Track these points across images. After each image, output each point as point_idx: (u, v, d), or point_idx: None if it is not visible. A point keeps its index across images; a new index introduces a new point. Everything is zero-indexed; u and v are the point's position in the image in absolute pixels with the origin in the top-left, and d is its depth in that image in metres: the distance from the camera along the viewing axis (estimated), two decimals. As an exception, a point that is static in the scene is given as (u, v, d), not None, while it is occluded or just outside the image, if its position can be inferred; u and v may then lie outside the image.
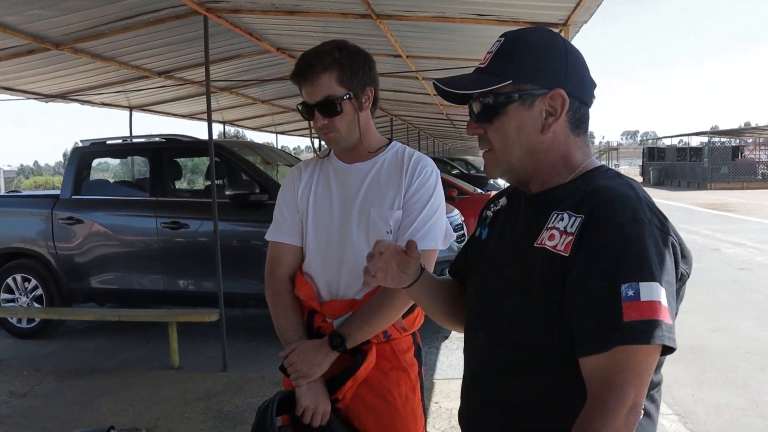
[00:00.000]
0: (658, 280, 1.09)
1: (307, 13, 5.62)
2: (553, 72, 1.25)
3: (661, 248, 1.13)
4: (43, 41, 5.93)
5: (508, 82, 1.24)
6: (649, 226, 1.13)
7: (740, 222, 16.08)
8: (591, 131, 1.66)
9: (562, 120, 1.25)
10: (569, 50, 1.28)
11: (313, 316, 1.97)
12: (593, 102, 1.31)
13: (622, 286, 1.09)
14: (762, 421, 4.19)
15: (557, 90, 1.24)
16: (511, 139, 1.27)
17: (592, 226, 1.15)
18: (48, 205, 6.51)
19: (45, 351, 6.16)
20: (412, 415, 1.96)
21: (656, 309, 1.07)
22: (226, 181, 6.72)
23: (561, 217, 1.20)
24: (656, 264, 1.10)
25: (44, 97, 8.64)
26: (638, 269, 1.09)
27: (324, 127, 1.90)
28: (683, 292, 1.24)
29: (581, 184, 1.25)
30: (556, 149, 1.27)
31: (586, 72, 1.30)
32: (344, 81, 1.88)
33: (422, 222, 1.92)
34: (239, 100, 11.13)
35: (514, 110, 1.25)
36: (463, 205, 10.31)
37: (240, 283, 5.77)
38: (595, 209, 1.16)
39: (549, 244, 1.19)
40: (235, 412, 4.43)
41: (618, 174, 1.27)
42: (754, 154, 39.84)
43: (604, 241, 1.13)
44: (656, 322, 1.07)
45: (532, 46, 1.27)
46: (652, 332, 1.07)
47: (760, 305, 7.27)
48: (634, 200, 1.16)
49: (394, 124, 16.68)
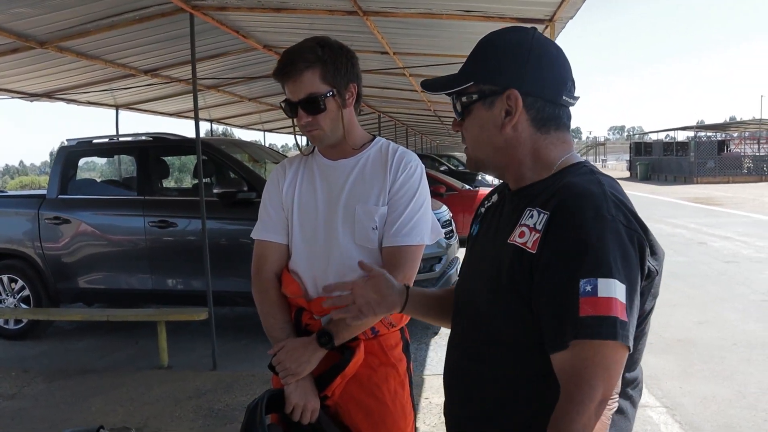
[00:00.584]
0: (617, 277, 1.10)
1: (294, 10, 5.61)
2: (509, 72, 1.29)
3: (624, 245, 1.13)
4: (27, 40, 5.89)
5: (470, 83, 1.32)
6: (612, 223, 1.14)
7: (726, 216, 16.22)
8: (578, 127, 1.66)
9: (522, 119, 1.29)
10: (534, 49, 1.29)
11: (301, 313, 1.97)
12: (567, 100, 1.32)
13: (581, 281, 1.10)
14: (748, 412, 4.24)
15: (511, 90, 1.27)
16: (475, 137, 1.35)
17: (555, 223, 1.17)
18: (34, 205, 6.46)
19: (33, 352, 6.12)
20: (401, 410, 1.96)
21: (612, 305, 1.09)
22: (213, 180, 6.70)
23: (531, 214, 1.23)
24: (617, 261, 1.11)
25: (29, 96, 8.58)
26: (597, 265, 1.10)
27: (308, 124, 1.90)
28: (655, 287, 1.24)
29: (555, 180, 1.27)
30: (522, 147, 1.31)
31: (552, 71, 1.30)
32: (327, 78, 1.87)
33: (408, 217, 1.92)
34: (226, 97, 11.09)
35: (477, 110, 1.32)
36: (451, 201, 10.35)
37: (229, 281, 5.76)
38: (560, 206, 1.18)
39: (519, 241, 1.22)
40: (225, 410, 4.43)
41: (592, 171, 1.28)
42: (740, 148, 40.24)
43: (566, 237, 1.15)
44: (610, 318, 1.08)
45: (496, 47, 1.32)
46: (604, 328, 1.08)
47: (746, 298, 7.34)
48: (599, 197, 1.17)
49: (382, 121, 16.68)
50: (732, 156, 35.27)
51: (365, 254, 1.93)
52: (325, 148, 2.01)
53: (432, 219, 2.01)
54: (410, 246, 1.92)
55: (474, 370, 1.34)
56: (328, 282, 1.93)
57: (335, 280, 1.92)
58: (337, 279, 1.92)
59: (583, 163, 1.32)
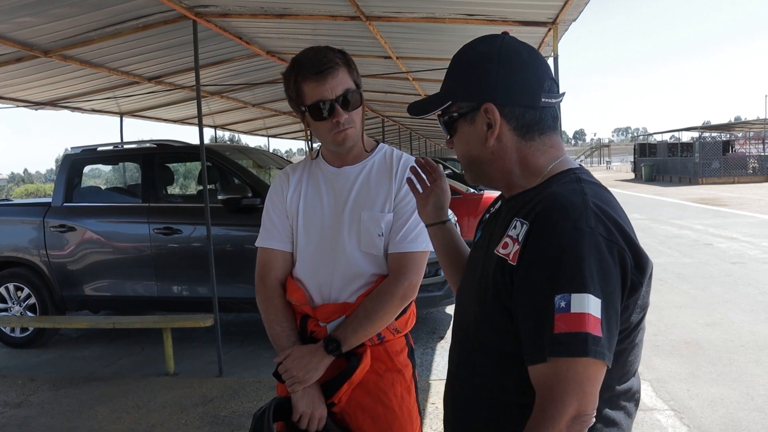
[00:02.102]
0: (592, 291, 1.08)
1: (297, 15, 5.62)
2: (481, 87, 1.29)
3: (602, 257, 1.11)
4: (31, 49, 5.91)
5: (449, 103, 1.34)
6: (590, 236, 1.11)
7: (732, 216, 16.15)
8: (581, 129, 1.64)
9: (503, 129, 1.28)
10: (502, 58, 1.28)
11: (306, 320, 1.97)
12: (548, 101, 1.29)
13: (556, 297, 1.09)
14: (758, 414, 4.21)
15: (486, 104, 1.28)
16: (463, 153, 1.37)
17: (533, 236, 1.16)
18: (39, 213, 6.48)
19: (39, 360, 6.13)
20: (408, 415, 1.96)
21: (584, 321, 1.07)
22: (218, 186, 6.70)
23: (515, 225, 1.22)
24: (592, 274, 1.09)
25: (34, 105, 8.60)
26: (571, 280, 1.09)
27: (346, 121, 1.88)
28: (642, 299, 1.21)
29: (541, 189, 1.26)
30: (508, 157, 1.30)
31: (525, 75, 1.29)
32: (353, 77, 1.91)
33: (413, 224, 1.92)
34: (230, 104, 11.11)
35: (461, 127, 1.34)
36: (456, 205, 10.33)
37: (234, 287, 5.76)
38: (538, 218, 1.17)
39: (502, 252, 1.22)
40: (232, 417, 4.42)
41: (578, 179, 1.26)
42: (745, 148, 40.11)
43: (542, 250, 1.14)
44: (582, 335, 1.07)
45: (466, 63, 1.33)
46: (576, 345, 1.07)
47: (754, 299, 7.30)
48: (579, 208, 1.15)
49: (386, 125, 16.69)
50: (737, 156, 35.17)
51: (370, 261, 1.93)
52: (330, 155, 2.02)
53: None
54: (416, 252, 1.92)
55: (466, 380, 1.34)
56: (333, 289, 1.93)
57: (340, 286, 1.92)
58: (343, 286, 1.92)
59: (573, 171, 1.29)
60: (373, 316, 1.87)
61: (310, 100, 1.87)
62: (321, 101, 1.86)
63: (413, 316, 2.06)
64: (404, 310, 1.96)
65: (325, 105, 1.86)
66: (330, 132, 1.90)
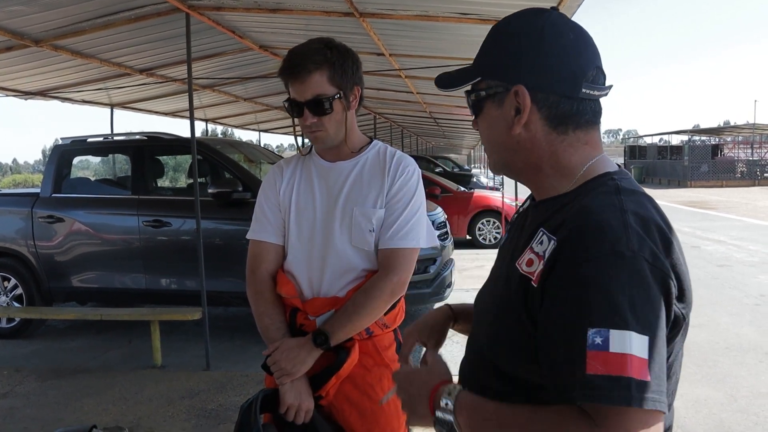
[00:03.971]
0: (635, 328, 0.91)
1: (290, 11, 5.61)
2: (516, 65, 1.13)
3: (646, 286, 0.95)
4: (22, 38, 5.86)
5: (477, 79, 1.19)
6: (632, 261, 0.95)
7: (719, 219, 16.28)
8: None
9: (533, 118, 1.13)
10: (545, 36, 1.12)
11: (296, 314, 1.98)
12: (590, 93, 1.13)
13: (589, 331, 0.92)
14: (740, 415, 4.26)
15: (518, 86, 1.12)
16: (487, 138, 1.22)
17: (563, 258, 1.00)
18: (27, 203, 6.44)
19: (25, 351, 6.10)
20: (395, 410, 1.97)
21: (627, 363, 0.90)
22: (208, 179, 6.69)
23: (541, 239, 1.07)
24: (636, 307, 0.93)
25: (23, 95, 8.54)
26: (610, 313, 0.92)
27: (312, 125, 1.90)
28: (681, 338, 1.07)
29: (574, 197, 1.10)
30: (537, 150, 1.15)
31: (567, 60, 1.12)
32: (335, 80, 1.88)
33: (404, 221, 1.93)
34: (222, 97, 11.07)
35: (488, 108, 1.19)
36: (446, 203, 10.38)
37: (223, 281, 5.76)
38: (569, 238, 1.01)
39: (526, 270, 1.07)
40: (219, 410, 4.42)
41: (617, 188, 1.07)
42: (733, 152, 40.34)
43: (574, 276, 0.97)
44: (624, 380, 0.90)
45: (503, 37, 1.18)
46: (617, 392, 0.89)
47: (739, 301, 7.37)
48: (617, 229, 0.98)
49: (378, 123, 16.68)
50: (726, 160, 35.42)
51: (361, 256, 1.94)
52: (323, 150, 2.02)
53: (427, 223, 2.02)
54: (406, 249, 1.93)
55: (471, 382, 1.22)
56: (323, 283, 1.94)
57: (331, 281, 1.93)
58: (333, 280, 1.93)
59: (611, 176, 1.12)
60: (362, 311, 1.87)
61: (290, 95, 1.92)
62: (293, 100, 1.90)
63: (402, 311, 2.08)
64: (393, 305, 1.97)
65: (294, 106, 1.90)
66: (304, 129, 1.95)
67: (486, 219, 12.09)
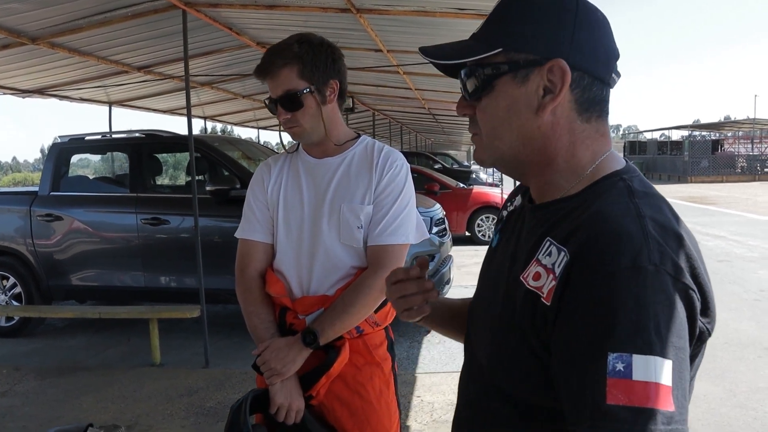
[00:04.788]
0: (660, 353, 0.82)
1: (287, 7, 5.60)
2: (554, 37, 0.98)
3: (671, 304, 0.85)
4: (19, 36, 5.85)
5: (498, 50, 1.00)
6: (654, 276, 0.84)
7: (720, 215, 16.27)
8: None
9: (564, 99, 0.99)
10: (581, 10, 0.99)
11: (285, 313, 1.97)
12: (615, 79, 1.03)
13: (610, 356, 0.82)
14: (739, 411, 4.25)
15: (557, 60, 0.96)
16: (498, 122, 1.03)
17: (577, 273, 0.89)
18: (26, 201, 6.43)
19: (24, 349, 6.10)
20: (386, 409, 1.96)
21: (652, 393, 0.80)
22: (206, 177, 6.68)
23: (549, 250, 0.95)
24: (660, 328, 0.83)
25: (21, 93, 8.53)
26: (633, 336, 0.82)
27: (287, 121, 1.91)
28: (703, 349, 0.97)
29: (582, 200, 0.98)
30: (558, 139, 1.01)
31: (604, 39, 1.00)
32: (305, 75, 1.87)
33: (393, 216, 1.92)
34: (220, 95, 11.06)
35: (503, 85, 1.00)
36: (445, 200, 10.37)
37: (221, 279, 5.74)
38: (584, 250, 0.89)
39: (533, 285, 0.96)
40: (217, 408, 4.42)
41: (630, 190, 0.96)
42: (734, 147, 40.36)
43: (591, 294, 0.86)
44: (649, 411, 0.80)
45: (532, 5, 1.01)
46: (640, 425, 0.79)
47: (739, 297, 7.36)
48: (638, 239, 0.87)
49: (376, 119, 16.67)
50: (726, 155, 35.43)
51: (350, 253, 1.93)
52: (310, 146, 2.01)
53: (417, 218, 2.00)
54: (395, 245, 1.92)
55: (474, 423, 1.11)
56: (312, 281, 1.93)
57: (320, 279, 1.92)
58: (322, 278, 1.92)
59: (621, 174, 1.00)
60: (351, 309, 1.86)
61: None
62: (268, 98, 1.93)
63: (393, 309, 2.06)
64: (384, 303, 1.96)
65: (271, 103, 1.93)
66: (283, 125, 1.96)
67: (485, 215, 12.09)
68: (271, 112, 1.95)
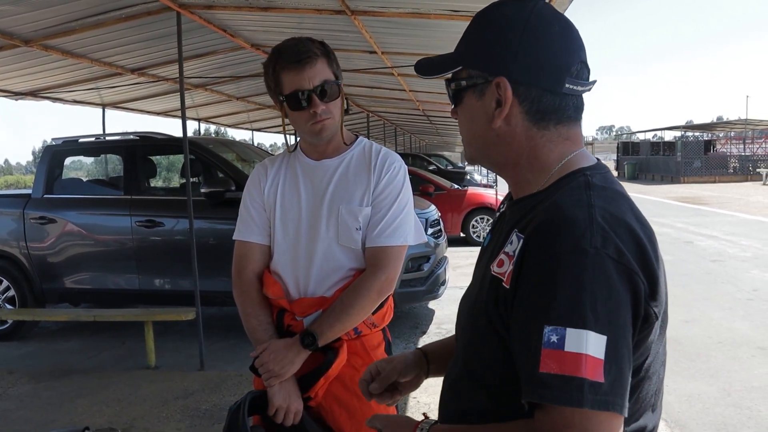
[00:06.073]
0: (594, 327, 0.89)
1: (282, 9, 5.59)
2: (498, 56, 1.09)
3: (610, 284, 0.92)
4: (11, 38, 5.83)
5: (459, 68, 1.15)
6: (595, 258, 0.92)
7: (712, 215, 16.33)
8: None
9: (514, 111, 1.09)
10: (529, 27, 1.08)
11: (283, 314, 1.97)
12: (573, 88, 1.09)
13: (546, 329, 0.91)
14: (733, 410, 4.27)
15: (500, 78, 1.08)
16: (467, 129, 1.18)
17: (528, 256, 0.98)
18: (19, 204, 6.41)
19: (18, 352, 6.07)
20: (384, 410, 1.96)
21: (580, 363, 0.88)
22: (201, 179, 6.67)
23: (512, 240, 1.05)
24: (597, 305, 0.90)
25: (14, 95, 8.50)
26: (568, 311, 0.90)
27: (323, 112, 1.88)
28: (657, 336, 1.02)
29: (548, 195, 1.07)
30: (516, 144, 1.11)
31: (552, 53, 1.08)
32: (333, 68, 1.90)
33: (391, 218, 1.92)
34: (214, 97, 11.05)
35: (467, 98, 1.14)
36: (440, 201, 10.40)
37: (217, 281, 5.73)
38: (533, 235, 0.99)
39: (497, 271, 1.05)
40: (213, 410, 4.41)
41: (587, 184, 1.05)
42: (726, 148, 40.53)
43: (536, 272, 0.96)
44: (576, 380, 0.88)
45: (486, 25, 1.13)
46: (568, 393, 0.88)
47: (732, 296, 7.40)
48: (582, 225, 0.95)
49: (371, 121, 16.68)
50: (718, 156, 35.55)
51: (348, 255, 1.93)
52: (308, 148, 2.01)
53: (415, 220, 2.01)
54: (393, 247, 1.92)
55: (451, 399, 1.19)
56: (310, 283, 1.93)
57: (318, 280, 1.92)
58: (320, 280, 1.92)
59: (584, 171, 1.08)
60: (350, 311, 1.86)
61: (288, 90, 1.87)
62: (299, 90, 1.86)
63: (390, 310, 2.07)
64: (381, 304, 1.96)
65: (303, 95, 1.86)
66: (307, 122, 1.90)
67: (480, 216, 12.11)
68: (294, 108, 1.89)
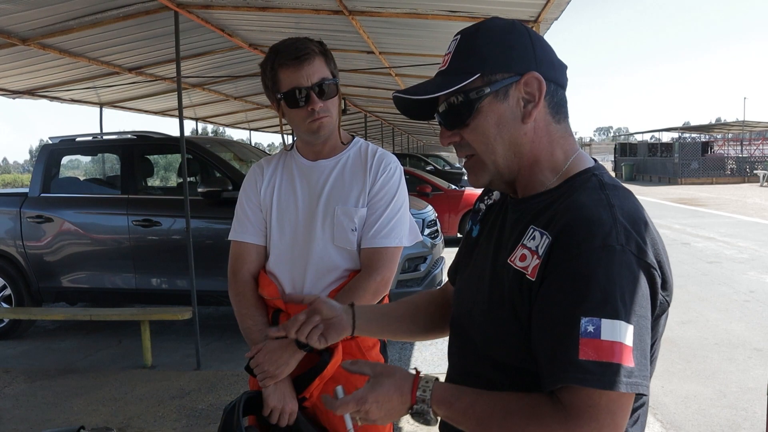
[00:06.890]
0: (624, 318, 0.99)
1: (279, 9, 5.59)
2: (521, 56, 1.15)
3: (635, 279, 1.01)
4: (9, 36, 5.83)
5: (476, 76, 1.15)
6: (621, 254, 1.01)
7: (709, 216, 16.36)
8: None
9: (541, 105, 1.15)
10: (532, 33, 1.18)
11: (278, 315, 1.96)
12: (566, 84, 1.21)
13: (582, 319, 0.99)
14: (729, 411, 4.28)
15: (531, 74, 1.14)
16: (491, 137, 1.17)
17: (557, 252, 1.05)
18: (16, 203, 6.40)
19: (15, 351, 6.06)
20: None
21: (616, 351, 0.97)
22: (198, 178, 6.66)
23: (533, 235, 1.11)
24: (625, 298, 1.00)
25: (11, 93, 8.49)
26: (602, 304, 0.99)
27: (321, 110, 1.87)
28: (664, 321, 1.13)
29: (561, 193, 1.15)
30: (541, 140, 1.17)
31: (553, 53, 1.20)
32: (330, 67, 1.90)
33: (387, 219, 1.92)
34: (212, 96, 11.05)
35: (488, 105, 1.15)
36: (437, 201, 10.39)
37: (213, 280, 5.73)
38: (563, 233, 1.06)
39: (519, 265, 1.11)
40: (209, 410, 4.41)
41: (601, 184, 1.13)
42: (723, 149, 40.60)
43: (568, 269, 1.03)
44: (614, 366, 0.97)
45: (493, 34, 1.18)
46: (607, 377, 0.97)
47: (728, 297, 7.41)
48: (607, 223, 1.04)
49: (368, 121, 16.68)
50: (715, 157, 35.60)
51: (343, 255, 1.93)
52: (305, 148, 2.01)
53: (410, 220, 2.01)
54: (388, 248, 1.92)
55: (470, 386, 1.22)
56: (306, 283, 1.93)
57: (313, 281, 1.92)
58: (316, 280, 1.92)
59: (592, 171, 1.17)
60: None
61: (285, 87, 1.87)
62: (297, 88, 1.85)
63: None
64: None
65: (301, 92, 1.85)
66: (305, 120, 1.89)
67: (477, 217, 12.08)
68: (292, 106, 1.88)
